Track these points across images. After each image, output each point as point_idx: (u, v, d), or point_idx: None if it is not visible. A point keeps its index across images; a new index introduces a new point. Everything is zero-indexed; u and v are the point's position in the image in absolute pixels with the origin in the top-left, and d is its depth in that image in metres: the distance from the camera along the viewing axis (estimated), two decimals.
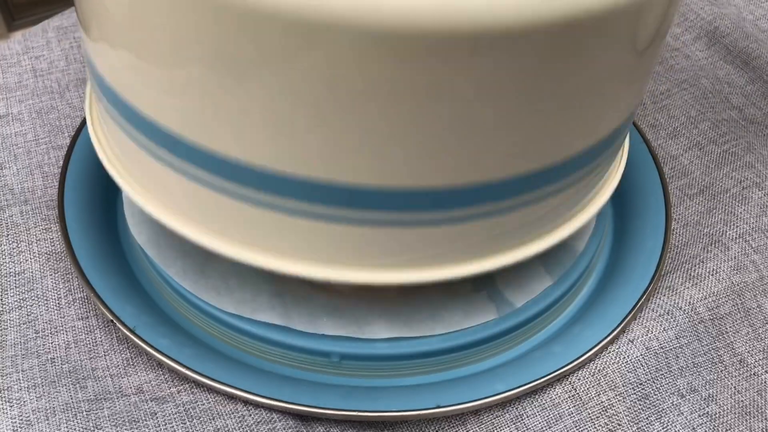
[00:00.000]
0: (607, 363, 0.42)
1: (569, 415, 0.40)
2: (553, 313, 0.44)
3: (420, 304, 0.41)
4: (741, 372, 0.42)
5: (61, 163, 0.50)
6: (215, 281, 0.42)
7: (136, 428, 0.38)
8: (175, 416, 0.39)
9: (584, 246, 0.45)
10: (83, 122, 0.52)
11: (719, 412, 0.41)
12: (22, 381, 0.40)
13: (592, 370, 0.42)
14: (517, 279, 0.43)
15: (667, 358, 0.41)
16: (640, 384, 0.41)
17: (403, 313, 0.41)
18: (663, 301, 0.44)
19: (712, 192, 0.52)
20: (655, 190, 0.50)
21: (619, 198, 0.51)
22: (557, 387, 0.41)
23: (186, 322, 0.43)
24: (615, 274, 0.46)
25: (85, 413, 0.39)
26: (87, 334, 0.42)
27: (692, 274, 0.46)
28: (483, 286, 0.43)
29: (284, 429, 0.39)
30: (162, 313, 0.43)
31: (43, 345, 0.41)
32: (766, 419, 0.41)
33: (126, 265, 0.45)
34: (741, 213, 0.50)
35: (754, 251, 0.47)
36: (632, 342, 0.42)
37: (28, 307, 0.43)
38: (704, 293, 0.45)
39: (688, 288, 0.45)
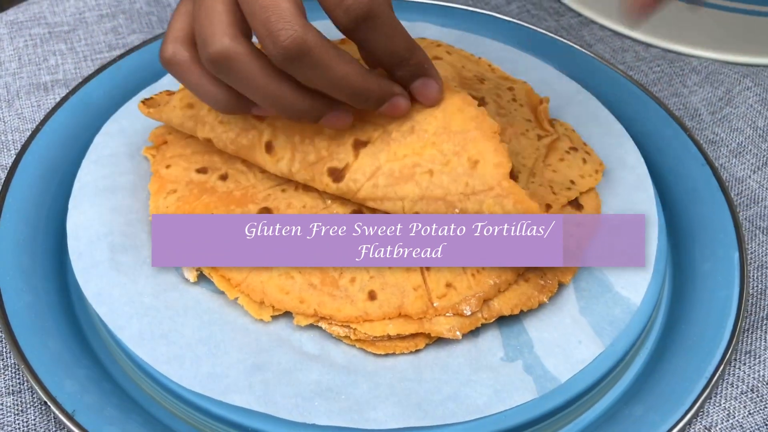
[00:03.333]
0: None
1: None
2: (604, 386, 0.35)
3: (438, 380, 0.33)
4: None
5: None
6: (179, 349, 0.33)
7: None
8: None
9: (641, 298, 0.36)
10: (32, 136, 0.43)
11: None
12: None
13: None
14: (561, 343, 0.34)
15: None
16: None
17: (416, 393, 0.32)
18: (744, 372, 0.35)
19: None
20: (724, 223, 0.41)
21: (678, 234, 0.42)
22: None
23: (144, 399, 0.34)
24: (679, 335, 0.37)
25: None
26: (17, 414, 0.33)
27: None
28: (518, 354, 0.34)
29: None
30: (113, 388, 0.34)
31: None
32: None
33: (73, 323, 0.36)
34: None
35: None
36: (709, 430, 0.33)
37: None
38: None
39: None
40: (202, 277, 0.35)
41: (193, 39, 0.32)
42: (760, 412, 0.34)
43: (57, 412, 0.31)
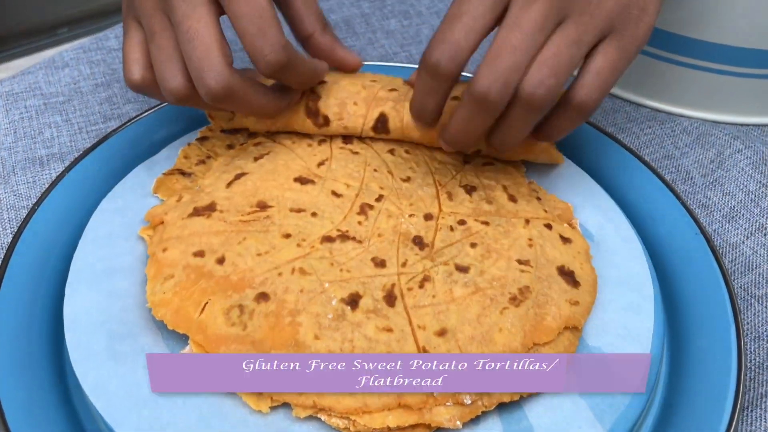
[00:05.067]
0: None
1: None
2: None
3: None
4: None
5: None
6: None
7: None
8: None
9: None
10: (29, 215, 0.43)
11: None
12: None
13: None
14: (561, 429, 0.34)
15: None
16: None
17: None
18: None
19: None
20: (718, 295, 0.41)
21: (673, 308, 0.42)
22: None
23: None
24: (678, 416, 0.37)
25: None
26: None
27: None
28: None
29: None
30: None
31: None
32: None
33: (71, 416, 0.36)
34: None
35: None
36: None
37: None
38: None
39: None
40: None
41: (149, 63, 0.40)
42: None
43: None
